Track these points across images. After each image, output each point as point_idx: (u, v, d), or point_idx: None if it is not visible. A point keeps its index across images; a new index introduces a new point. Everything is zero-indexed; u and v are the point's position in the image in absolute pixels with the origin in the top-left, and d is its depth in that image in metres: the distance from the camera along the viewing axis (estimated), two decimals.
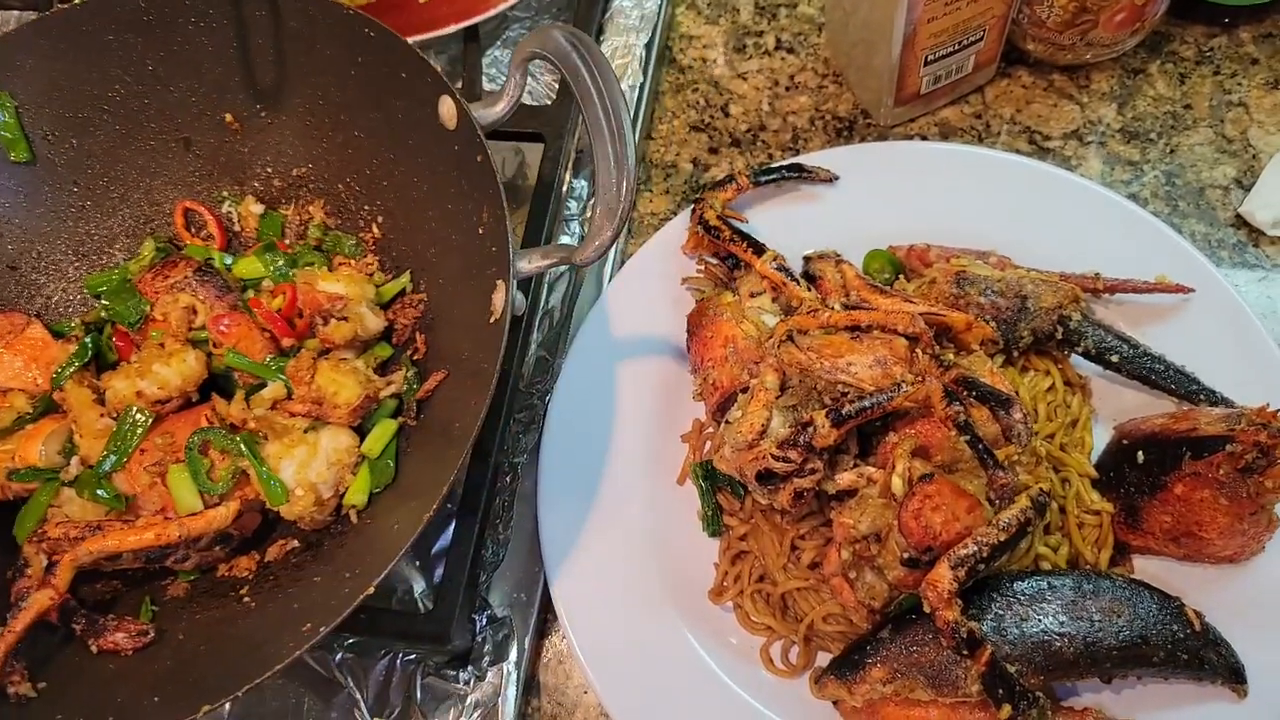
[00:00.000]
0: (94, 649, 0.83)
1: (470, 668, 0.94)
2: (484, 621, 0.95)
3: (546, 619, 0.98)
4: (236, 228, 1.06)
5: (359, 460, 0.89)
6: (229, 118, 1.03)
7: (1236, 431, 0.81)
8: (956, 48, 1.06)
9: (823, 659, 0.89)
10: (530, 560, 0.98)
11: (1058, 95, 1.16)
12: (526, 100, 1.20)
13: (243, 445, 0.86)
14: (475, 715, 0.92)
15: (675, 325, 1.00)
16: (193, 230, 1.06)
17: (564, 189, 1.13)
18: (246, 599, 0.87)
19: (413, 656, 0.95)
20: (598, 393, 1.00)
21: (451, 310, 0.93)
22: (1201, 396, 0.93)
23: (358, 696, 0.94)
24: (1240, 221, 1.08)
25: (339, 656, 0.96)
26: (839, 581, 0.85)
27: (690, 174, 1.17)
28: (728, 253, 1.01)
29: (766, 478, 0.84)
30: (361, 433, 0.91)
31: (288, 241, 1.04)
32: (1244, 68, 1.15)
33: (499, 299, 0.82)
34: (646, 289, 1.04)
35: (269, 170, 1.05)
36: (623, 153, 0.79)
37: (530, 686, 0.96)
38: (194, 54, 1.00)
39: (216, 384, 0.95)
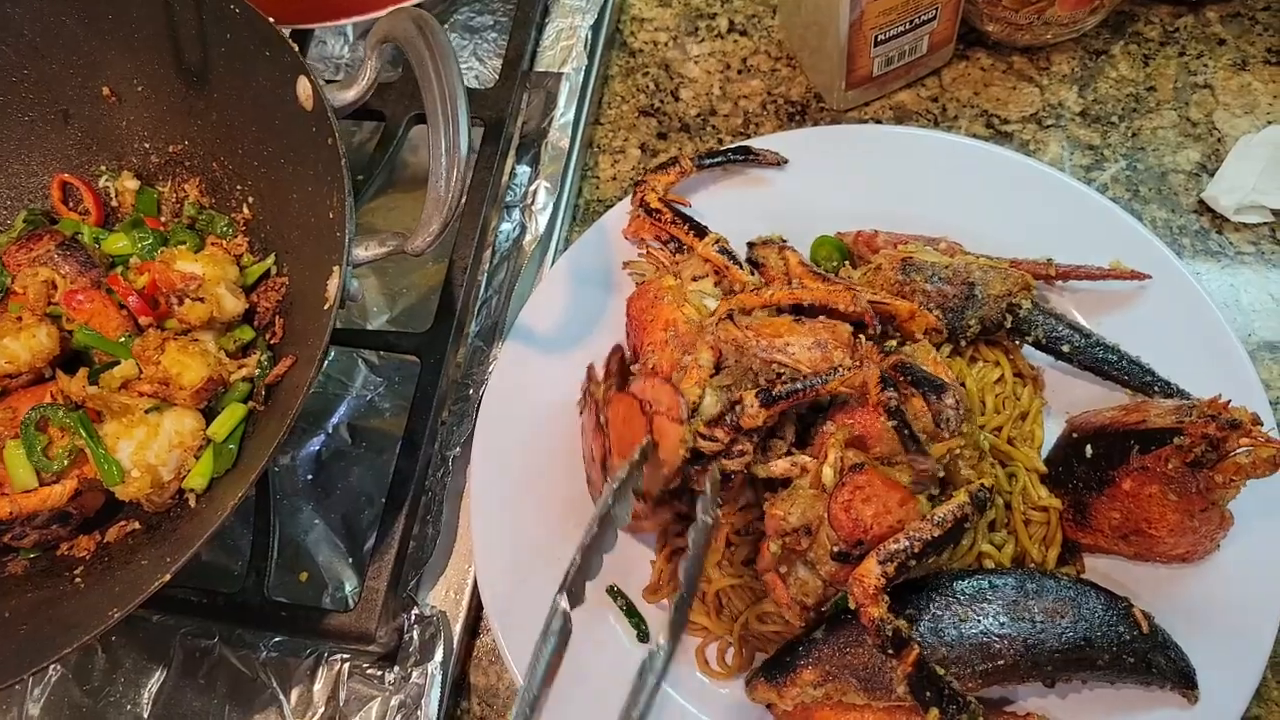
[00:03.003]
0: None
1: (396, 668, 0.91)
2: (411, 619, 0.92)
3: (479, 617, 0.95)
4: (114, 203, 1.05)
5: (204, 443, 0.86)
6: (106, 91, 1.02)
7: (1186, 424, 0.77)
8: (908, 27, 1.02)
9: (761, 660, 0.86)
10: (462, 557, 0.95)
11: (1017, 77, 1.12)
12: (472, 84, 1.18)
13: (79, 423, 0.85)
14: (398, 716, 0.88)
15: (615, 311, 0.97)
16: (70, 204, 1.04)
17: (506, 176, 1.10)
18: (78, 579, 0.85)
19: (338, 656, 0.91)
20: (533, 382, 0.97)
21: (306, 295, 0.91)
22: (1156, 388, 0.89)
23: (281, 698, 0.91)
24: (1203, 207, 1.03)
25: (264, 655, 0.93)
26: (772, 577, 0.81)
27: (638, 160, 1.14)
28: (670, 236, 0.98)
29: (694, 458, 0.80)
30: (212, 416, 0.88)
31: (164, 219, 1.03)
32: (1210, 49, 1.10)
33: (333, 285, 0.82)
34: (587, 274, 1.01)
35: (146, 146, 1.04)
36: (455, 141, 0.78)
37: (461, 687, 0.93)
38: (71, 26, 0.99)
39: (83, 361, 0.93)
